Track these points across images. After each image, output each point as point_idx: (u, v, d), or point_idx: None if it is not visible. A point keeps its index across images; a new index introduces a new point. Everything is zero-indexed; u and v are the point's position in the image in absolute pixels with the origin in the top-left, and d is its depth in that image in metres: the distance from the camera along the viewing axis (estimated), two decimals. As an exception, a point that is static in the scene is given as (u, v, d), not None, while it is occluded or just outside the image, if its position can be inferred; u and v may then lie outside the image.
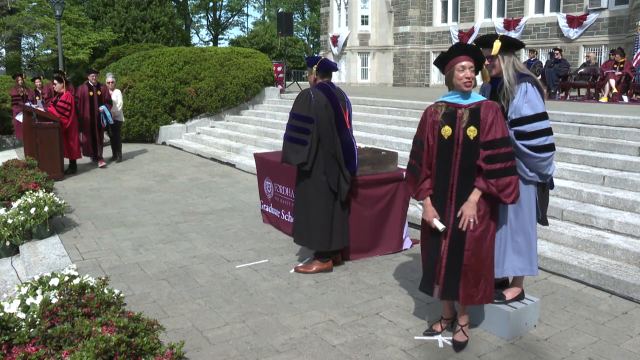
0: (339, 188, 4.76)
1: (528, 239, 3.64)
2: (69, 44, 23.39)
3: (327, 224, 4.73)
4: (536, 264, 3.71)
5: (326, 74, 4.79)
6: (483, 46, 3.59)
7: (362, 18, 26.14)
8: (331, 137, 4.68)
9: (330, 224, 4.75)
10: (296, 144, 4.64)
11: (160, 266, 5.05)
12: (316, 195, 4.71)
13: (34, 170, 7.49)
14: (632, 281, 4.38)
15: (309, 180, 4.72)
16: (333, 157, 4.69)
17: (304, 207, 4.78)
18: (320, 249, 4.81)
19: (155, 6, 27.20)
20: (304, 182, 4.76)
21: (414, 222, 6.34)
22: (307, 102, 4.63)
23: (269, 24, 52.19)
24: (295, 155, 4.63)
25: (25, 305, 3.52)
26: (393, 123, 10.42)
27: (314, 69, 4.76)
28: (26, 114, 9.49)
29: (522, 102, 3.52)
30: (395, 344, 3.59)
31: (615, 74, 13.35)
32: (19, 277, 5.14)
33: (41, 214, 5.77)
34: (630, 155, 6.62)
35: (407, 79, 25.49)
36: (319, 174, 4.68)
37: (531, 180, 3.57)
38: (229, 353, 3.45)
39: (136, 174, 9.76)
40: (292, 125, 4.70)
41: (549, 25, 20.39)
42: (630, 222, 5.19)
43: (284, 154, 4.73)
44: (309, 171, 4.68)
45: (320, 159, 4.66)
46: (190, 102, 14.17)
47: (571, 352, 3.52)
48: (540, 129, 3.49)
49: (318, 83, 4.77)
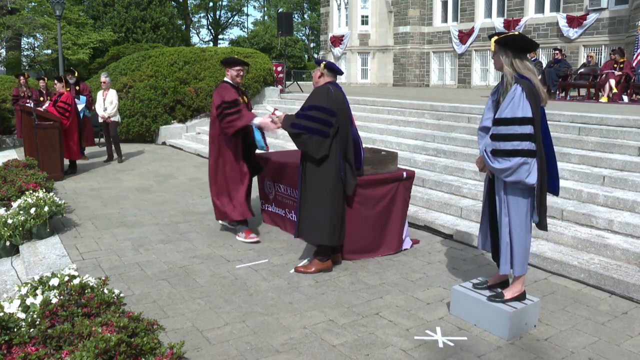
0: (347, 183, 4.82)
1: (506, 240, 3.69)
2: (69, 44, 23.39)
3: (332, 217, 4.76)
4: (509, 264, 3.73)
5: (333, 74, 4.88)
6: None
7: (362, 18, 26.14)
8: (347, 132, 4.77)
9: (334, 217, 4.77)
10: (319, 136, 4.63)
11: (160, 266, 5.05)
12: (331, 190, 4.73)
13: (34, 170, 7.49)
14: (632, 281, 4.38)
15: (323, 174, 4.73)
16: (344, 152, 4.76)
17: (312, 201, 4.77)
18: (329, 243, 4.81)
19: (155, 6, 27.20)
20: (312, 176, 4.77)
21: (414, 222, 6.34)
22: (328, 95, 4.68)
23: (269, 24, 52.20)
24: (319, 147, 4.63)
25: (25, 305, 3.52)
26: (393, 123, 10.42)
27: (322, 65, 4.83)
28: (26, 114, 9.50)
29: (506, 104, 3.57)
30: (395, 344, 3.59)
31: (615, 74, 13.34)
32: (19, 277, 5.14)
33: (41, 214, 5.77)
34: (630, 155, 6.62)
35: (407, 79, 25.49)
36: (332, 167, 4.71)
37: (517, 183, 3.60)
38: (229, 353, 3.45)
39: (136, 174, 9.76)
40: (312, 116, 4.66)
41: (549, 25, 20.40)
42: (630, 222, 5.19)
43: (304, 145, 4.67)
44: (319, 165, 4.71)
45: (336, 154, 4.70)
46: (190, 102, 14.18)
47: (571, 352, 3.52)
48: (515, 132, 3.52)
49: (328, 82, 4.82)
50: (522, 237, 3.69)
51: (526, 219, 3.69)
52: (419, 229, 6.29)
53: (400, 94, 16.07)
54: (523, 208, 3.67)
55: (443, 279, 4.77)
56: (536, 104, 3.57)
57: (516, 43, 3.63)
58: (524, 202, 3.66)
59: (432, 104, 10.46)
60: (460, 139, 8.45)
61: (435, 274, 4.89)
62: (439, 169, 7.70)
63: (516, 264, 3.73)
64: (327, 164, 4.71)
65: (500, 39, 3.63)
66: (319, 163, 4.71)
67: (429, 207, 6.72)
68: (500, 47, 3.65)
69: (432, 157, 8.25)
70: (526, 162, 3.52)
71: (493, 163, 3.60)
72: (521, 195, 3.64)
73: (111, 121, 10.71)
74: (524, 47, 3.67)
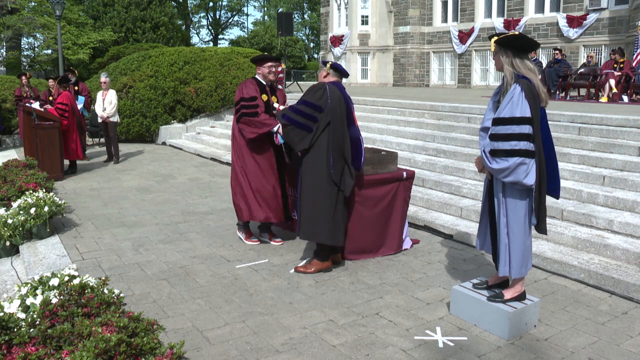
0: (344, 183, 4.79)
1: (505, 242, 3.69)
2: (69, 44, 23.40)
3: (330, 216, 4.75)
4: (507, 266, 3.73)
5: (339, 75, 4.92)
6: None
7: (362, 18, 26.12)
8: (342, 131, 4.75)
9: (333, 217, 4.76)
10: (302, 129, 4.73)
11: (160, 266, 5.05)
12: (322, 188, 4.73)
13: (34, 170, 7.49)
14: (632, 281, 4.38)
15: (314, 172, 4.73)
16: (340, 151, 4.74)
17: (310, 200, 4.77)
18: (326, 242, 4.81)
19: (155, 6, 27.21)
20: (309, 176, 4.77)
21: (414, 222, 6.34)
22: (321, 93, 4.71)
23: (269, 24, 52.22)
24: (300, 140, 4.74)
25: (25, 305, 3.52)
26: (393, 123, 10.42)
27: (327, 66, 4.87)
28: (26, 114, 9.50)
29: (505, 103, 3.57)
30: (395, 344, 3.59)
31: (615, 74, 13.34)
32: (19, 277, 5.14)
33: (41, 214, 5.77)
34: (630, 155, 6.62)
35: (407, 79, 25.48)
36: (324, 166, 4.71)
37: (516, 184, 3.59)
38: (229, 353, 3.45)
39: (136, 174, 9.76)
40: (300, 110, 4.77)
41: (549, 25, 20.39)
42: (630, 222, 5.19)
43: (287, 136, 4.84)
44: (315, 164, 4.72)
45: (327, 151, 4.70)
46: (190, 102, 14.17)
47: (571, 352, 3.52)
48: (513, 132, 3.52)
49: (331, 81, 4.85)
50: (520, 239, 3.67)
51: (524, 220, 3.67)
52: (419, 229, 6.29)
53: (400, 94, 16.07)
54: (521, 209, 3.65)
55: (443, 279, 4.77)
56: (536, 104, 3.56)
57: (516, 43, 3.62)
58: (523, 204, 3.64)
59: (432, 104, 10.46)
60: (460, 139, 8.45)
61: (435, 274, 4.89)
62: (439, 169, 7.70)
63: (514, 266, 3.71)
64: (318, 163, 4.72)
65: (500, 39, 3.63)
66: (311, 162, 4.73)
67: (429, 207, 6.72)
68: (501, 47, 3.64)
69: (432, 157, 8.25)
70: (524, 162, 3.50)
71: (491, 163, 3.60)
72: (519, 197, 3.63)
73: (110, 121, 10.71)
74: (524, 47, 3.65)
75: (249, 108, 5.31)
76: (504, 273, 3.75)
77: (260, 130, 5.29)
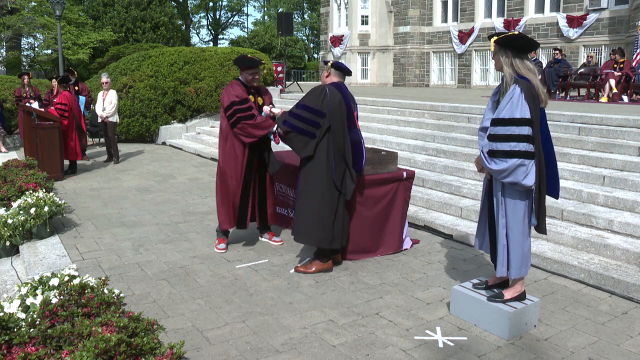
0: (345, 186, 4.75)
1: (503, 242, 3.69)
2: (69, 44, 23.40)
3: (330, 220, 4.73)
4: (505, 267, 3.72)
5: (341, 74, 4.86)
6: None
7: (362, 18, 26.13)
8: (342, 134, 4.69)
9: (333, 220, 4.74)
10: (305, 135, 4.66)
11: (160, 266, 5.05)
12: (321, 191, 4.70)
13: (34, 170, 7.49)
14: (632, 281, 4.38)
15: (314, 176, 4.71)
16: (341, 154, 4.69)
17: (308, 203, 4.75)
18: (321, 246, 4.80)
19: (155, 6, 27.21)
20: (309, 178, 4.75)
21: (414, 222, 6.34)
22: (321, 96, 4.65)
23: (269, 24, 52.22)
24: (304, 147, 4.67)
25: (25, 305, 3.53)
26: (393, 123, 10.42)
27: (329, 65, 4.82)
28: (26, 114, 9.50)
29: (504, 104, 3.56)
30: (395, 344, 3.59)
31: (615, 74, 13.35)
32: (19, 277, 5.14)
33: (41, 214, 5.77)
34: (630, 155, 6.62)
35: (407, 79, 25.49)
36: (325, 169, 4.67)
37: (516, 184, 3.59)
38: (229, 353, 3.45)
39: (136, 174, 9.76)
40: (301, 115, 4.68)
41: (549, 25, 20.39)
42: (630, 222, 5.19)
43: (291, 143, 4.75)
44: (315, 167, 4.69)
45: (328, 155, 4.66)
46: (190, 102, 14.18)
47: (571, 352, 3.52)
48: (512, 133, 3.51)
49: (332, 82, 4.80)
50: (519, 240, 3.67)
51: (524, 221, 3.67)
52: (419, 229, 6.29)
53: (400, 94, 16.07)
54: (520, 210, 3.64)
55: (443, 279, 4.77)
56: (535, 105, 3.55)
57: (516, 43, 3.61)
58: (522, 205, 3.64)
59: (432, 104, 10.46)
60: (460, 139, 8.45)
61: (435, 274, 4.89)
62: (439, 169, 7.70)
63: (513, 266, 3.70)
64: (318, 166, 4.68)
65: (500, 39, 3.62)
66: (311, 165, 4.69)
67: (429, 207, 6.72)
68: (500, 47, 3.64)
69: (432, 157, 8.25)
70: (523, 163, 3.50)
71: (490, 164, 3.59)
72: (519, 197, 3.63)
73: (109, 121, 10.70)
74: (524, 47, 3.65)
75: (244, 111, 5.16)
76: (501, 274, 3.75)
77: (259, 132, 5.19)
